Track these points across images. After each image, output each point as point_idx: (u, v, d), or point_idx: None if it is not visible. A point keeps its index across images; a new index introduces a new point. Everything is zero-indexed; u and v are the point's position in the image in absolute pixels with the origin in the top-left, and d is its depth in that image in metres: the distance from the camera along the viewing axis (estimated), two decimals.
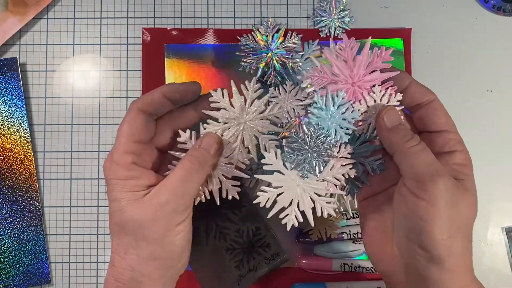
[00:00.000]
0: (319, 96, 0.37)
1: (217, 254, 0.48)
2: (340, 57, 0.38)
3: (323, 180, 0.38)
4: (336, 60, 0.38)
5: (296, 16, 0.54)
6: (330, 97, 0.37)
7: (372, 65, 0.38)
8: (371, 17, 0.54)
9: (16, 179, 0.52)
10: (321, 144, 0.37)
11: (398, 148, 0.36)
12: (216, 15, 0.54)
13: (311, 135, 0.37)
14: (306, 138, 0.37)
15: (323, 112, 0.37)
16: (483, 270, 0.52)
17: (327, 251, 0.51)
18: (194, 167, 0.38)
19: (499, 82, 0.54)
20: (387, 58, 0.38)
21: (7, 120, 0.52)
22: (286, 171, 0.38)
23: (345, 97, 0.38)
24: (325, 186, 0.38)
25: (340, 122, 0.38)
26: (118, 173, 0.37)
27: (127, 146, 0.38)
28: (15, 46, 0.54)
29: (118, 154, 0.38)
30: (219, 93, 0.41)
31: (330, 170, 0.38)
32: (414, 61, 0.54)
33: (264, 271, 0.47)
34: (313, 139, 0.37)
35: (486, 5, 0.54)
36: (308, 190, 0.38)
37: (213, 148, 0.39)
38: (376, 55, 0.38)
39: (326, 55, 0.38)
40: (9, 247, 0.51)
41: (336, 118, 0.37)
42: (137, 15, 0.55)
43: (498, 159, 0.53)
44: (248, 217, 0.48)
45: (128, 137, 0.38)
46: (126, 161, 0.38)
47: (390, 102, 0.38)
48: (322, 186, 0.38)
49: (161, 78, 0.53)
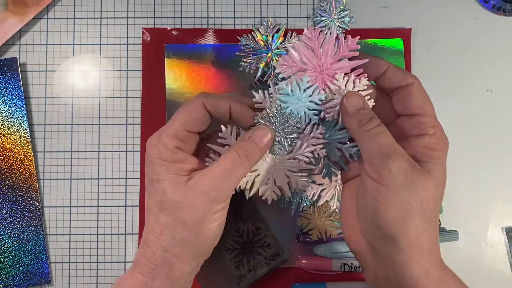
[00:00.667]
0: (283, 83, 0.39)
1: (217, 254, 0.48)
2: (307, 46, 0.39)
3: (294, 158, 0.41)
4: (303, 49, 0.39)
5: (296, 16, 0.54)
6: (296, 82, 0.39)
7: (339, 53, 0.39)
8: (371, 17, 0.54)
9: (16, 179, 0.52)
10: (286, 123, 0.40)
11: (356, 133, 0.37)
12: (216, 15, 0.54)
13: (275, 116, 0.39)
14: (271, 119, 0.40)
15: (290, 97, 0.39)
16: (483, 270, 0.52)
17: (327, 251, 0.51)
18: (239, 160, 0.38)
19: (499, 82, 0.54)
20: (354, 47, 0.39)
21: (7, 120, 0.52)
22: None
23: (309, 81, 0.39)
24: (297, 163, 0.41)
25: (307, 105, 0.39)
26: (163, 154, 0.38)
27: (178, 132, 0.39)
28: (15, 46, 0.54)
29: (167, 136, 0.38)
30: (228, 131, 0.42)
31: (300, 149, 0.41)
32: (414, 61, 0.54)
33: (264, 271, 0.47)
34: (278, 119, 0.40)
35: (486, 5, 0.54)
36: (282, 169, 0.42)
37: (263, 142, 0.39)
38: (343, 44, 0.39)
39: (294, 45, 0.39)
40: (9, 247, 0.51)
41: (303, 101, 0.39)
42: (137, 15, 0.55)
43: (498, 159, 0.53)
44: (248, 217, 0.48)
45: (182, 124, 0.39)
46: (173, 144, 0.39)
47: (355, 88, 0.39)
48: (295, 164, 0.41)
49: (161, 78, 0.53)
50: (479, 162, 0.53)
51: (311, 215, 0.50)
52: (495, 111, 0.54)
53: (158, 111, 0.53)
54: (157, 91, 0.53)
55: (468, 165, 0.53)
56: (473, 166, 0.53)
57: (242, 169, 0.38)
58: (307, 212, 0.50)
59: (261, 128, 0.40)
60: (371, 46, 0.53)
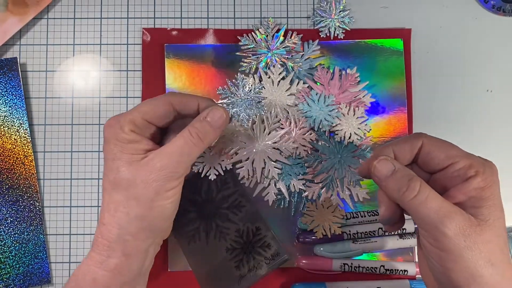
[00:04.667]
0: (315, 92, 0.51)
1: (217, 254, 0.48)
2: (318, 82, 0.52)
3: (277, 149, 0.49)
4: (315, 85, 0.52)
5: (296, 16, 0.54)
6: (323, 96, 0.50)
7: (343, 87, 0.51)
8: (371, 17, 0.54)
9: (16, 179, 0.52)
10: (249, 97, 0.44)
11: (399, 200, 0.35)
12: (216, 15, 0.54)
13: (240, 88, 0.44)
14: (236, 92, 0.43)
15: (314, 105, 0.50)
16: None
17: (327, 251, 0.51)
18: (193, 140, 0.39)
19: (499, 82, 0.54)
20: (354, 80, 0.51)
21: (7, 120, 0.52)
22: (252, 132, 0.49)
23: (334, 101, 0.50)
24: (277, 154, 0.49)
25: (326, 116, 0.50)
26: (119, 135, 0.39)
27: (136, 119, 0.40)
28: (15, 46, 0.54)
29: (125, 120, 0.40)
30: None
31: (284, 143, 0.49)
32: (414, 61, 0.54)
33: (264, 271, 0.47)
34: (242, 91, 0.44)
35: (486, 5, 0.54)
36: (262, 154, 0.49)
37: (217, 123, 0.40)
38: (345, 79, 0.51)
39: (307, 81, 0.52)
40: (9, 247, 0.51)
41: (324, 112, 0.50)
42: (137, 15, 0.55)
43: (498, 159, 0.53)
44: (248, 217, 0.49)
45: (142, 113, 0.40)
46: (129, 128, 0.39)
47: (356, 114, 0.50)
48: (275, 153, 0.49)
49: (161, 78, 0.53)
50: None
51: (314, 212, 0.50)
52: (495, 111, 0.54)
53: None
54: (157, 91, 0.53)
55: None
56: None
57: (196, 149, 0.40)
58: (309, 209, 0.50)
59: (216, 108, 0.41)
60: (371, 46, 0.53)
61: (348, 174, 0.50)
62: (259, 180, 0.50)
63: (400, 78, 0.53)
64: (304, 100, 0.51)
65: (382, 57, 0.53)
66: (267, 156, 0.49)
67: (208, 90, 0.53)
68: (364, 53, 0.53)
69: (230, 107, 0.43)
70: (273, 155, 0.49)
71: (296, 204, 0.51)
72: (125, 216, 0.39)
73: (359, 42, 0.53)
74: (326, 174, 0.50)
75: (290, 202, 0.51)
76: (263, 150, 0.49)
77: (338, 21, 0.53)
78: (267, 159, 0.49)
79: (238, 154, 0.49)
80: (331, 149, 0.50)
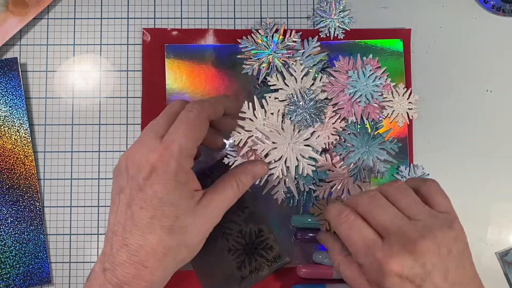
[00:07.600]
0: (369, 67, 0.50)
1: (219, 255, 0.48)
2: (340, 71, 0.51)
3: (309, 145, 0.49)
4: (338, 74, 0.51)
5: (296, 16, 0.54)
6: (361, 71, 0.50)
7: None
8: (371, 17, 0.54)
9: (16, 179, 0.52)
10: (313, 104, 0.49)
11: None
12: (216, 16, 0.54)
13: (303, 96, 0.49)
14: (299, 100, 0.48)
15: (358, 83, 0.50)
16: (482, 270, 0.52)
17: (327, 258, 0.50)
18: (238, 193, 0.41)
19: (499, 82, 0.54)
20: (376, 65, 0.51)
21: (7, 120, 0.52)
22: (283, 132, 0.49)
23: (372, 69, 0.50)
24: (309, 151, 0.49)
25: (372, 88, 0.50)
26: (179, 175, 0.37)
27: (193, 151, 0.38)
28: (16, 46, 0.54)
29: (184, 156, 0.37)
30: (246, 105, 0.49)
31: (315, 139, 0.49)
32: (413, 61, 0.54)
33: (265, 273, 0.47)
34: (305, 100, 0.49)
35: (485, 5, 0.54)
36: (296, 151, 0.49)
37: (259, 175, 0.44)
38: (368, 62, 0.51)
39: (331, 72, 0.51)
40: (9, 247, 0.51)
41: (369, 85, 0.50)
42: (137, 15, 0.55)
43: (497, 159, 0.53)
44: (251, 218, 0.49)
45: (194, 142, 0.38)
46: (189, 165, 0.38)
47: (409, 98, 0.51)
48: (307, 150, 0.49)
49: (162, 78, 0.53)
50: (479, 162, 0.53)
51: (324, 207, 0.50)
52: (495, 111, 0.54)
53: (158, 111, 0.52)
54: (157, 91, 0.53)
55: (467, 165, 0.53)
56: (472, 166, 0.53)
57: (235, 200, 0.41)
58: (320, 204, 0.50)
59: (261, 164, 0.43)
60: (371, 47, 0.53)
61: (375, 165, 0.50)
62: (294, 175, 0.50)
63: (400, 78, 0.53)
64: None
65: (382, 58, 0.53)
66: (299, 154, 0.49)
67: (209, 91, 0.53)
68: (364, 53, 0.53)
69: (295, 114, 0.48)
70: (306, 152, 0.49)
71: (304, 203, 0.51)
72: (172, 260, 0.38)
73: (359, 42, 0.53)
74: (354, 164, 0.50)
75: (299, 200, 0.51)
76: (295, 148, 0.49)
77: (338, 22, 0.53)
78: (300, 157, 0.49)
79: (270, 155, 0.49)
80: (359, 139, 0.50)
